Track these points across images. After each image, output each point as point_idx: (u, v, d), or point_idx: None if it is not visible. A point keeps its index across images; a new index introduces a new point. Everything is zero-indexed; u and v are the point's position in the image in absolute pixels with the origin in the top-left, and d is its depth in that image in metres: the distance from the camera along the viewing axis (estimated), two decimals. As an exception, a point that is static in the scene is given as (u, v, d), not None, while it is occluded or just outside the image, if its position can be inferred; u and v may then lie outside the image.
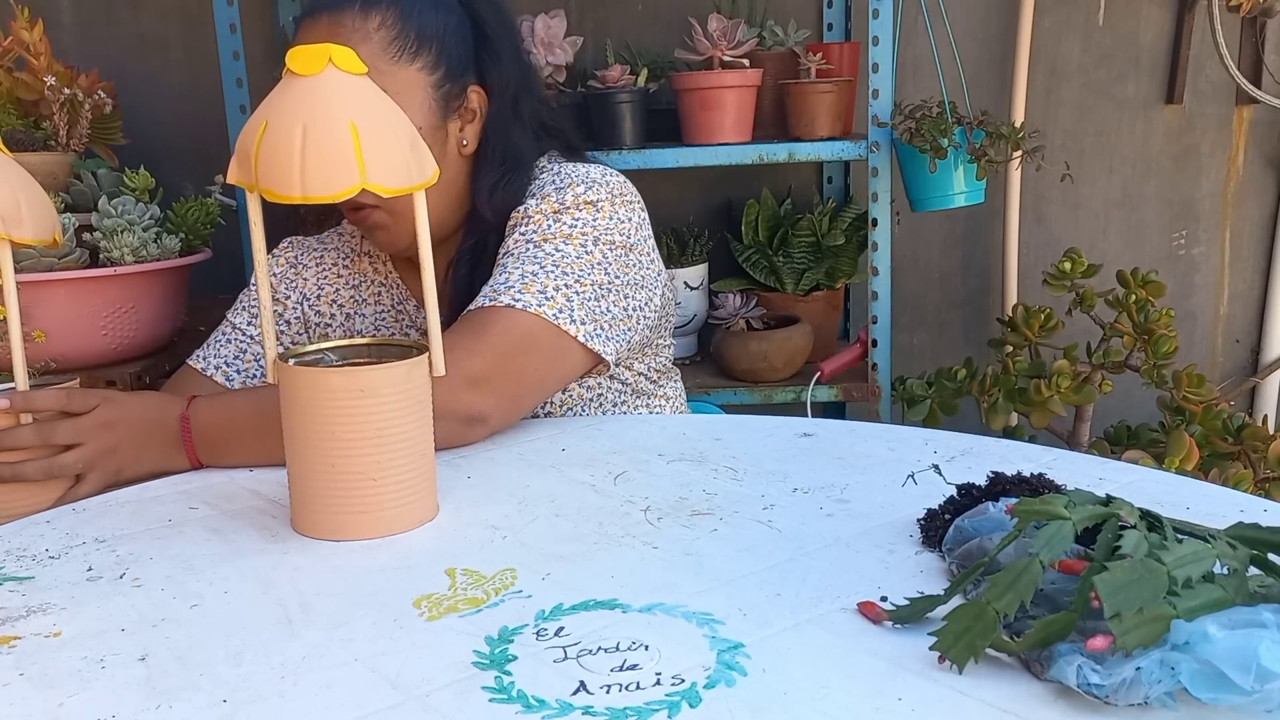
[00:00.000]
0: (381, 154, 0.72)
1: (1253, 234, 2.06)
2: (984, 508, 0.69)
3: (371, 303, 1.23)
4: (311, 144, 0.70)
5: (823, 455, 0.94)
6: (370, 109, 0.73)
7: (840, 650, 0.59)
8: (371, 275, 1.24)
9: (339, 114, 0.71)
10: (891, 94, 1.71)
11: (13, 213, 0.83)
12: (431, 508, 0.81)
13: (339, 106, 0.72)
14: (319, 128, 0.70)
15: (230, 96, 1.71)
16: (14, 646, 0.63)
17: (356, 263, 1.24)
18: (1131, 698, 0.51)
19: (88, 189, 1.56)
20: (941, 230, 2.09)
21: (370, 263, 1.24)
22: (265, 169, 0.71)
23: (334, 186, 0.70)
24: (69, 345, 1.46)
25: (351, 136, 0.71)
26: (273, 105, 0.73)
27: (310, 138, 0.70)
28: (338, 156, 0.70)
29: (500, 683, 0.56)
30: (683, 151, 1.76)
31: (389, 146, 0.73)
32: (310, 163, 0.70)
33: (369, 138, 0.71)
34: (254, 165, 0.72)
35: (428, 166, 0.77)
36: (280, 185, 0.71)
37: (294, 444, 0.78)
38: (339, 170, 0.70)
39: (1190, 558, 0.54)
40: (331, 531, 0.78)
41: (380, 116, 0.74)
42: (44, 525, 0.82)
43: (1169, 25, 1.98)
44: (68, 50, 1.89)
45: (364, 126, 0.71)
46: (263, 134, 0.72)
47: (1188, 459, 1.62)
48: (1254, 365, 2.09)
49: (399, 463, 0.77)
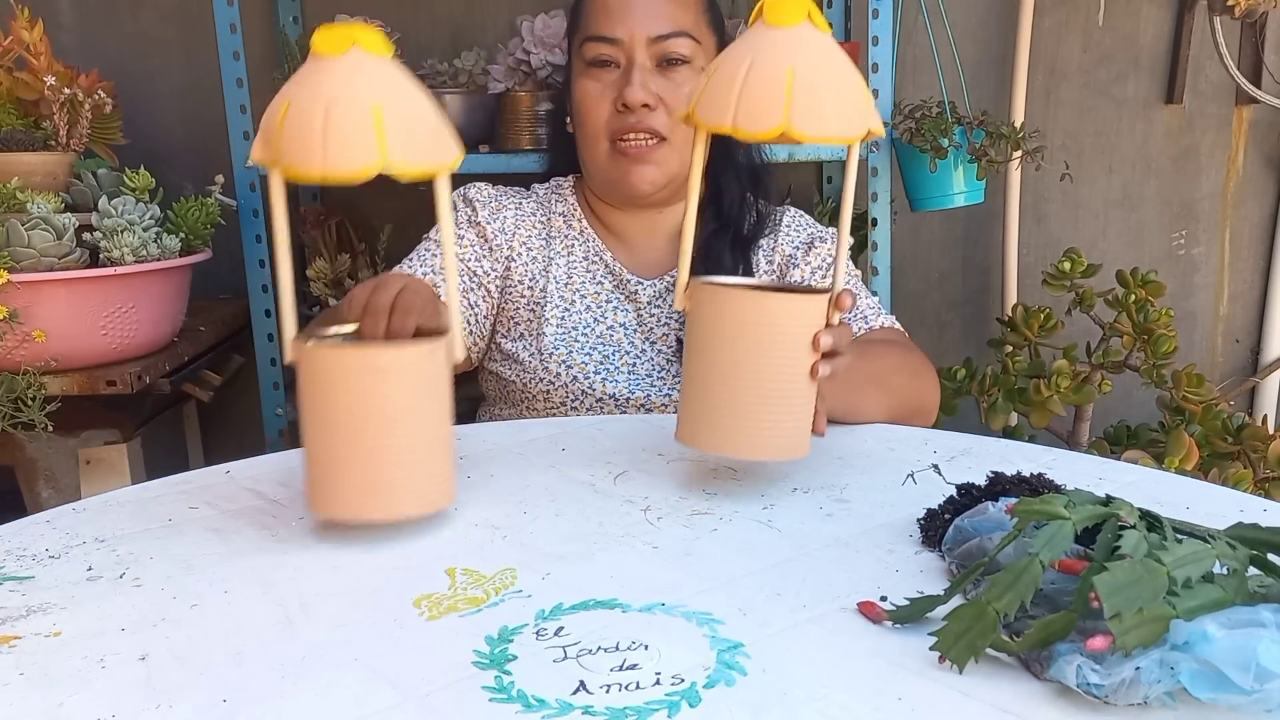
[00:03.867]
0: (404, 135, 0.72)
1: (1253, 234, 2.06)
2: (984, 508, 0.69)
3: (564, 254, 1.28)
4: (334, 122, 0.71)
5: (823, 455, 0.94)
6: (394, 90, 0.73)
7: (840, 650, 0.59)
8: (565, 230, 1.30)
9: (363, 94, 0.72)
10: (891, 94, 1.71)
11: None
12: (449, 493, 0.80)
13: (363, 86, 0.72)
14: (342, 106, 0.71)
15: (230, 96, 1.71)
16: (14, 646, 0.63)
17: (551, 220, 1.30)
18: (1131, 698, 0.51)
19: (88, 189, 1.56)
20: (941, 230, 2.09)
21: (565, 221, 1.30)
22: (288, 146, 0.72)
23: (355, 164, 0.71)
24: (69, 345, 1.46)
25: (375, 116, 0.71)
26: (297, 84, 0.74)
27: (333, 116, 0.71)
28: (360, 135, 0.71)
29: (500, 682, 0.56)
30: (683, 151, 1.75)
31: (412, 128, 0.73)
32: (332, 140, 0.70)
33: (392, 117, 0.72)
34: (277, 143, 0.72)
35: (451, 150, 0.77)
36: (301, 162, 0.71)
37: (310, 423, 0.77)
38: (360, 148, 0.71)
39: (1190, 558, 0.54)
40: (346, 511, 0.77)
41: (404, 97, 0.74)
42: (44, 525, 0.82)
43: (1169, 25, 1.98)
44: (68, 50, 1.89)
45: (388, 107, 0.72)
46: (285, 112, 0.72)
47: (1187, 459, 1.62)
48: (1254, 365, 2.09)
49: (414, 445, 0.76)
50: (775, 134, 0.77)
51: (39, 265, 1.42)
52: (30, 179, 1.50)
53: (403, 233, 1.87)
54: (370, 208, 1.97)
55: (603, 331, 1.24)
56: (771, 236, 1.29)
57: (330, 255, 1.91)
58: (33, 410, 1.39)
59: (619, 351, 1.23)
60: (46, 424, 1.40)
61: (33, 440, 1.50)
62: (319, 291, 1.88)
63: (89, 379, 1.47)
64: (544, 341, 1.22)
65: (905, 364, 1.13)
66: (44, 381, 1.43)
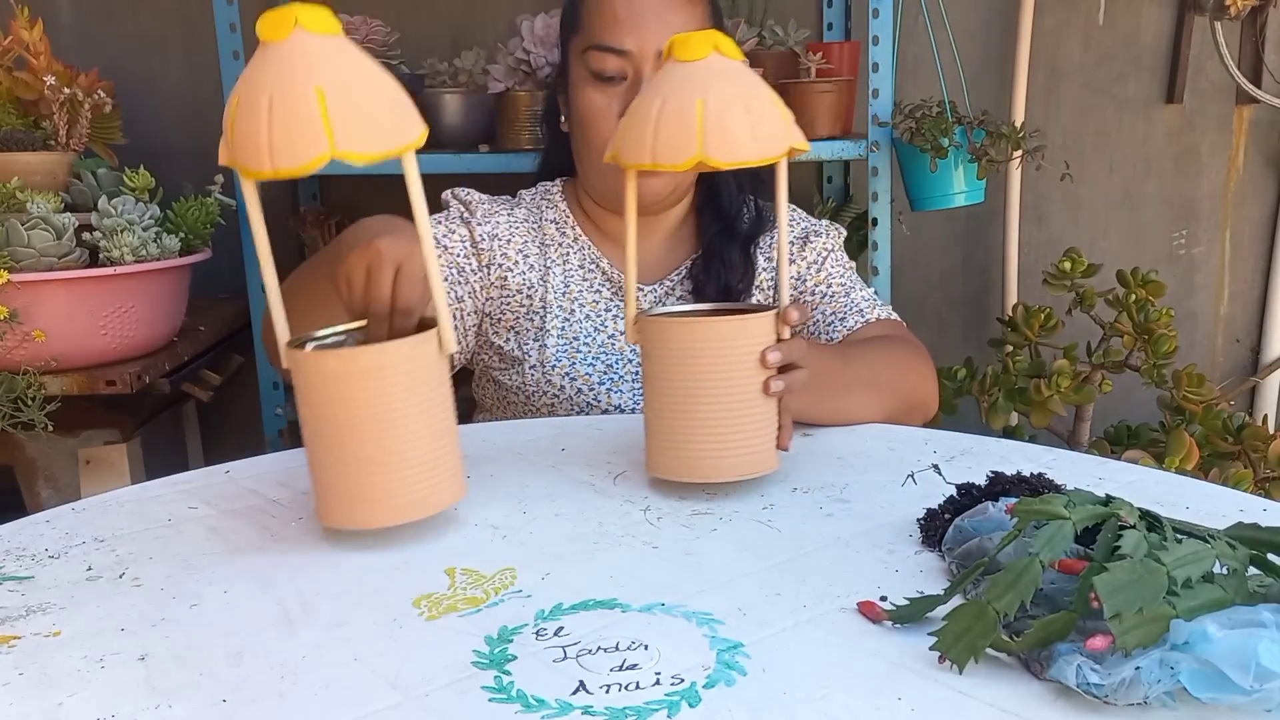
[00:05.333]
0: (352, 119, 0.67)
1: (1253, 234, 2.06)
2: (984, 507, 0.69)
3: (560, 262, 1.25)
4: (277, 114, 0.66)
5: (823, 455, 0.94)
6: (340, 72, 0.68)
7: (840, 650, 0.59)
8: (558, 238, 1.26)
9: (304, 80, 0.67)
10: (892, 94, 1.71)
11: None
12: (456, 490, 0.78)
13: (305, 72, 0.67)
14: (284, 96, 0.67)
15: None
16: (14, 646, 0.63)
17: (543, 227, 1.27)
18: (1131, 697, 0.51)
19: (88, 189, 1.56)
20: (941, 230, 2.09)
21: (556, 228, 1.26)
22: (238, 145, 0.68)
23: (302, 157, 0.66)
24: (69, 345, 1.46)
25: (318, 103, 0.66)
26: (245, 78, 0.69)
27: (275, 108, 0.66)
28: (304, 125, 0.66)
29: (500, 682, 0.56)
30: (683, 151, 1.75)
31: (361, 111, 0.68)
32: (277, 134, 0.66)
33: (336, 102, 0.67)
34: (232, 141, 0.69)
35: (411, 129, 0.71)
36: (251, 160, 0.67)
37: (306, 431, 0.76)
38: (306, 140, 0.66)
39: (1190, 558, 0.54)
40: (349, 520, 0.75)
41: (353, 78, 0.69)
42: (44, 525, 0.82)
43: (1169, 25, 1.98)
44: (68, 50, 1.88)
45: (331, 91, 0.67)
46: (235, 108, 0.68)
47: (1188, 459, 1.62)
48: (1254, 365, 2.09)
49: (412, 446, 0.74)
50: (693, 164, 0.78)
51: (39, 265, 1.42)
52: (30, 179, 1.50)
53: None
54: (370, 207, 1.97)
55: (604, 341, 1.22)
56: (770, 233, 1.28)
57: (330, 255, 1.90)
58: (32, 410, 1.39)
59: (622, 360, 1.21)
60: (46, 424, 1.40)
61: (33, 440, 1.50)
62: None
63: (89, 379, 1.47)
64: (546, 353, 1.19)
65: (895, 360, 1.12)
66: (44, 381, 1.43)
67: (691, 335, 0.82)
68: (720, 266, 1.22)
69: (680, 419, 0.83)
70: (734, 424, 0.83)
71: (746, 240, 1.26)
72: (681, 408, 0.83)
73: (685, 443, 0.83)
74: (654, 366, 0.85)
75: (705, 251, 1.24)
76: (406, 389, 0.74)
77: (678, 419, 0.83)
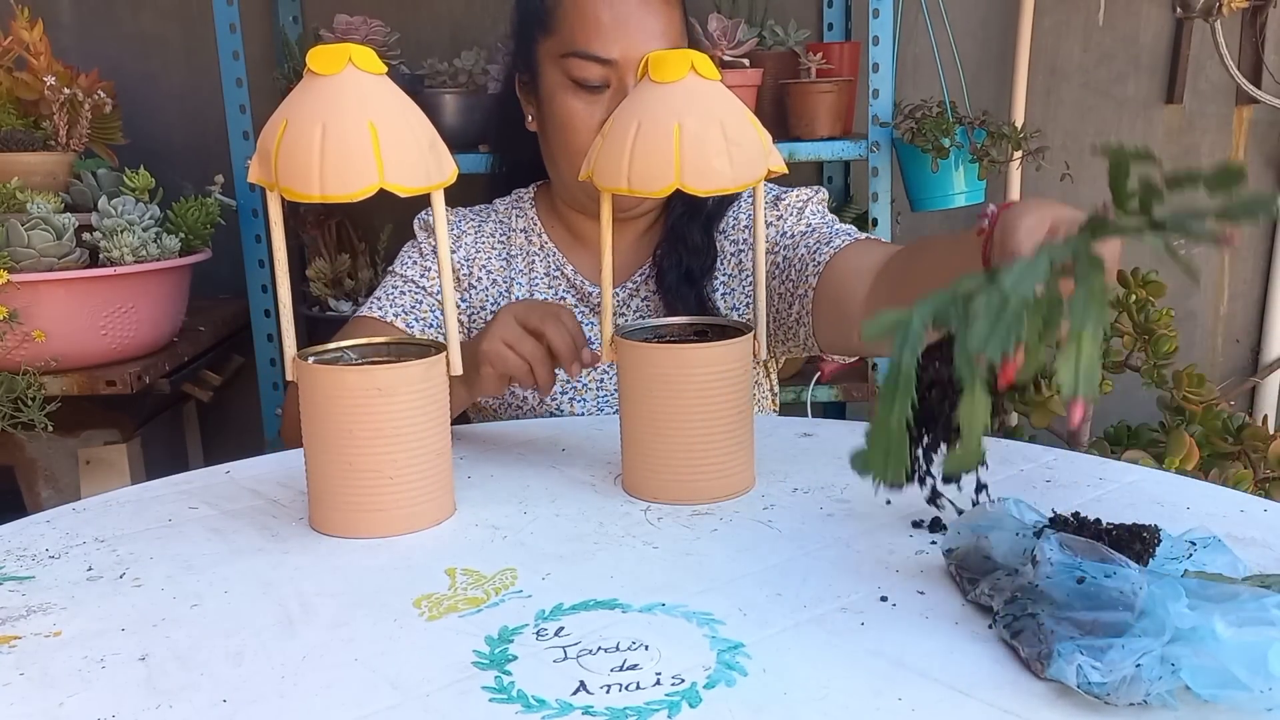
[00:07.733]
0: (400, 154, 0.73)
1: (1253, 234, 2.06)
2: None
3: (525, 271, 1.24)
4: (331, 143, 0.71)
5: (823, 455, 0.94)
6: (389, 109, 0.74)
7: (840, 650, 0.59)
8: (525, 246, 1.25)
9: (358, 114, 0.72)
10: (892, 94, 1.71)
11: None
12: (448, 507, 0.82)
13: (358, 106, 0.72)
14: (338, 127, 0.71)
15: (230, 96, 1.71)
16: (14, 646, 0.63)
17: (512, 237, 1.26)
18: (1132, 696, 0.51)
19: (88, 189, 1.56)
20: (942, 230, 2.09)
21: (525, 237, 1.26)
22: (285, 168, 0.72)
23: (352, 186, 0.71)
24: (69, 345, 1.46)
25: (370, 136, 0.71)
26: (293, 105, 0.74)
27: (329, 137, 0.71)
28: (356, 156, 0.71)
29: (500, 683, 0.56)
30: (683, 151, 1.75)
31: (408, 146, 0.73)
32: (329, 162, 0.71)
33: (388, 137, 0.72)
34: (274, 164, 0.73)
35: (446, 167, 0.78)
36: (299, 184, 0.72)
37: (311, 442, 0.78)
38: (358, 170, 0.71)
39: (1022, 274, 0.53)
40: (347, 530, 0.78)
41: (400, 117, 0.74)
42: (44, 525, 0.82)
43: (1169, 25, 1.98)
44: (68, 50, 1.88)
45: (383, 126, 0.72)
46: (283, 133, 0.72)
47: (1188, 459, 1.62)
48: (1254, 365, 2.09)
49: (416, 461, 0.78)
50: (670, 191, 0.78)
51: (39, 265, 1.42)
52: (30, 179, 1.50)
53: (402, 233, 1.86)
54: (370, 208, 1.96)
55: None
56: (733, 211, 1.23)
57: (330, 255, 1.91)
58: (33, 410, 1.39)
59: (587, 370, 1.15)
60: (46, 424, 1.40)
61: (33, 440, 1.50)
62: (319, 291, 1.88)
63: (89, 379, 1.47)
64: None
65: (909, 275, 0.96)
66: (44, 381, 1.43)
67: (670, 360, 0.82)
68: (683, 249, 1.19)
69: (658, 442, 0.83)
70: (710, 447, 0.82)
71: (708, 220, 1.22)
72: (659, 432, 0.83)
73: (664, 466, 0.83)
74: (631, 389, 0.84)
75: (668, 234, 1.21)
76: (417, 407, 0.77)
77: (656, 443, 0.83)
